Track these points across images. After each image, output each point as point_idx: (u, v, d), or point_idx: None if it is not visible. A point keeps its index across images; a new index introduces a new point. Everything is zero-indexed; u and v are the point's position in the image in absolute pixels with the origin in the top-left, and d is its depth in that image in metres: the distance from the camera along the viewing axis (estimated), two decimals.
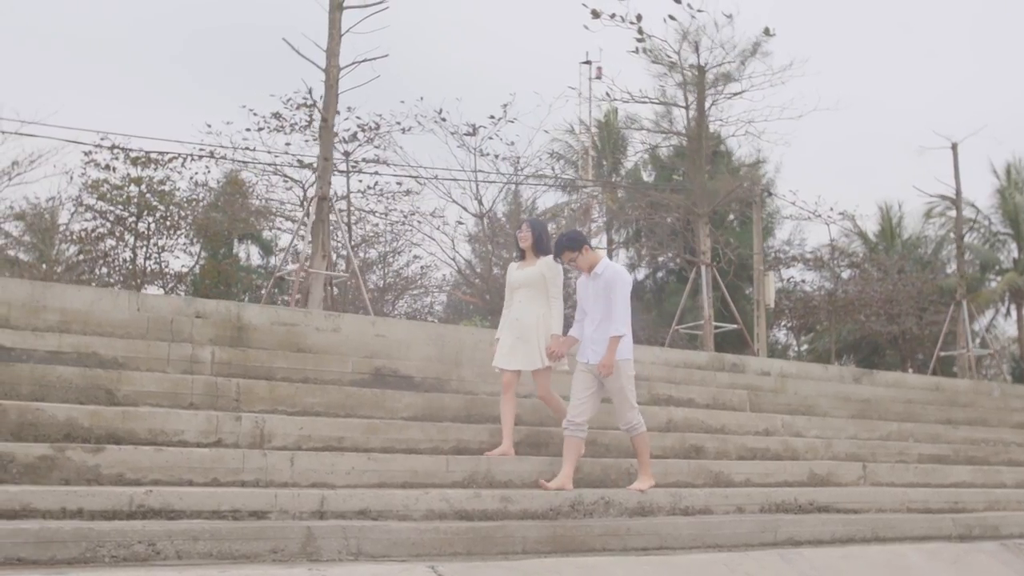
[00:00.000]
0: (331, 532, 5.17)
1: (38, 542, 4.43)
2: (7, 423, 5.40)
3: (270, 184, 29.41)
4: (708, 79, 17.73)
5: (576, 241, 6.89)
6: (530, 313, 6.84)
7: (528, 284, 6.91)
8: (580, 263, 6.84)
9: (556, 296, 6.90)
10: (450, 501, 5.93)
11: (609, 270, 6.81)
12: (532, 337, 6.78)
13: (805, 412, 9.74)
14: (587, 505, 6.43)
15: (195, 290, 27.68)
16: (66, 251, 29.16)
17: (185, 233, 28.52)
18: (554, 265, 6.91)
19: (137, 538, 4.65)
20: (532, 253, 6.98)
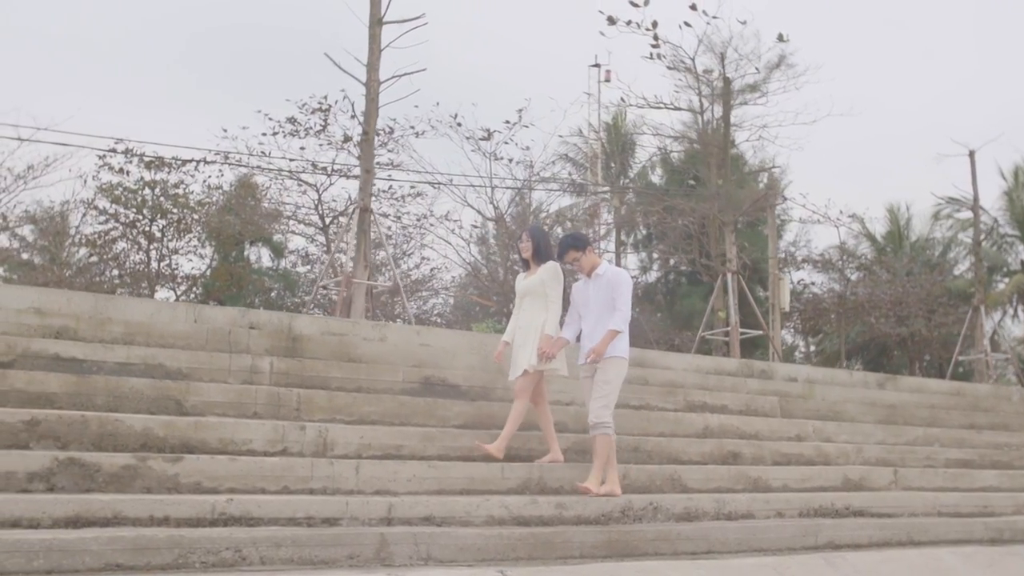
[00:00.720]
0: (403, 538, 5.39)
1: (135, 549, 4.66)
2: (89, 433, 5.63)
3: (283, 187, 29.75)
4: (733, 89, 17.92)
5: (581, 241, 7.07)
6: (531, 320, 6.92)
7: (532, 292, 7.00)
8: (583, 263, 6.96)
9: (554, 300, 6.95)
10: (509, 507, 6.15)
11: (609, 272, 6.94)
12: (529, 342, 6.86)
13: (833, 418, 9.96)
14: (636, 511, 6.65)
15: (206, 293, 27.96)
16: (76, 253, 29.46)
17: (197, 236, 28.84)
18: (553, 269, 6.99)
19: (224, 545, 4.88)
20: (534, 262, 7.07)
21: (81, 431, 5.61)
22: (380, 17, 10.06)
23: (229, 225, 27.95)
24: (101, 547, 4.57)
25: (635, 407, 8.69)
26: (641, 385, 9.20)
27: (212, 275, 29.06)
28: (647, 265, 32.18)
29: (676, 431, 8.39)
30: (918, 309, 30.61)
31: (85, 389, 6.09)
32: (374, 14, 10.06)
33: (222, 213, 28.13)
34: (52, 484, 5.16)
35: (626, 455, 7.64)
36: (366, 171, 10.52)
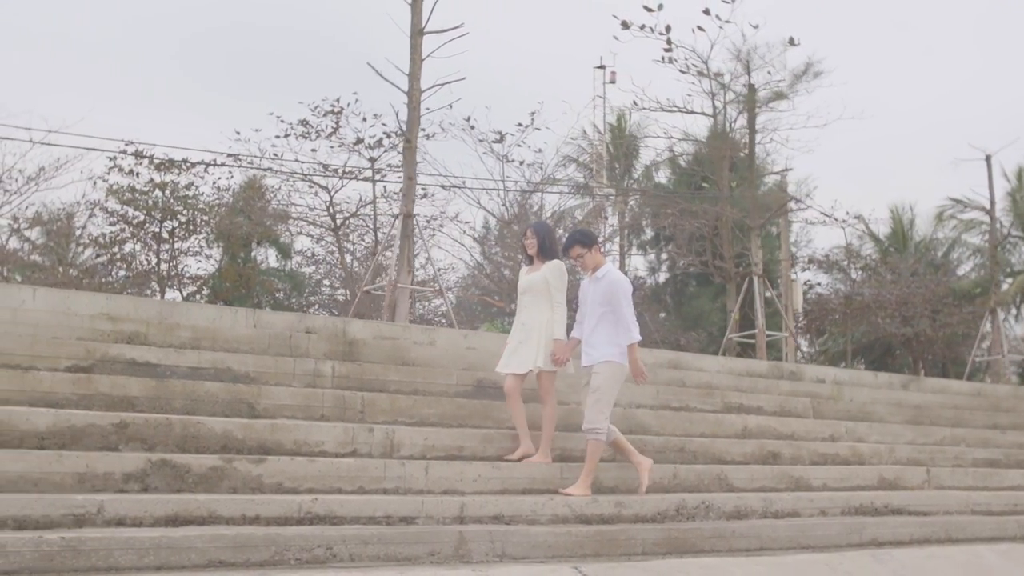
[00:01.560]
0: (479, 536, 5.62)
1: (235, 546, 4.88)
2: (173, 436, 5.86)
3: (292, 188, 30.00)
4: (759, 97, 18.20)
5: (588, 238, 7.02)
6: (534, 317, 6.90)
7: (533, 288, 6.96)
8: (587, 261, 6.93)
9: (559, 301, 6.94)
10: (571, 506, 6.38)
11: (610, 275, 6.89)
12: (533, 340, 6.84)
13: (863, 418, 10.21)
14: (690, 509, 6.90)
15: (214, 293, 28.18)
16: (81, 254, 29.68)
17: (205, 237, 29.09)
18: (558, 268, 6.97)
19: (316, 542, 5.10)
20: (538, 258, 7.02)
21: (166, 434, 5.84)
22: (421, 28, 10.29)
23: (238, 226, 28.19)
24: (205, 544, 4.79)
25: (675, 408, 8.94)
26: (679, 387, 9.45)
27: (221, 275, 29.27)
28: (655, 266, 32.44)
29: (717, 432, 8.63)
30: (923, 309, 30.88)
31: (164, 393, 6.31)
32: (415, 24, 10.28)
33: (232, 214, 28.39)
34: (146, 484, 5.38)
35: (672, 455, 7.89)
36: (408, 178, 10.75)
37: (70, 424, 5.58)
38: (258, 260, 32.80)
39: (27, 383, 5.91)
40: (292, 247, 33.33)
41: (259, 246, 32.65)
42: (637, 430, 8.17)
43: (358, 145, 28.24)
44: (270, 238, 31.54)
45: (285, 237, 32.48)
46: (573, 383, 7.77)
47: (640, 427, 8.22)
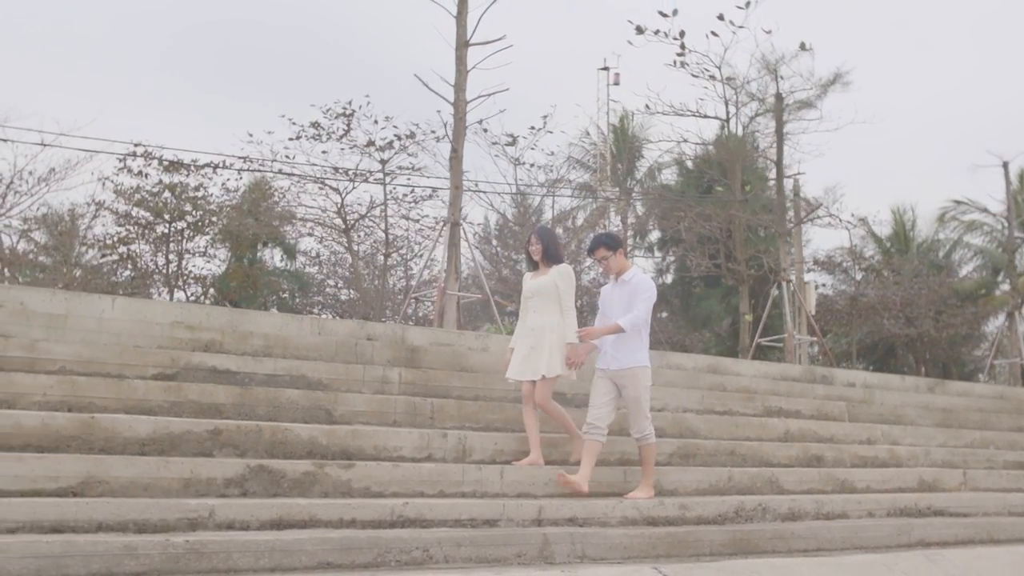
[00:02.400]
0: (562, 538, 5.87)
1: (341, 549, 5.12)
2: (262, 442, 6.09)
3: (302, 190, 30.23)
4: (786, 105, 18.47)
5: (614, 241, 6.99)
6: (543, 322, 6.85)
7: (540, 293, 6.91)
8: (611, 264, 6.88)
9: (569, 305, 6.89)
10: (639, 509, 6.64)
11: (638, 278, 6.90)
12: (544, 346, 6.79)
13: (896, 421, 10.49)
14: (748, 511, 7.15)
15: (220, 293, 28.39)
16: (85, 254, 29.86)
17: (211, 238, 29.32)
18: (567, 273, 6.94)
19: (415, 545, 5.35)
20: (543, 263, 6.99)
21: (256, 440, 6.07)
22: (467, 40, 10.53)
23: (246, 227, 28.43)
24: (315, 547, 5.03)
25: (720, 412, 9.20)
26: (720, 391, 9.71)
27: (229, 276, 29.48)
28: (662, 268, 32.70)
29: (761, 435, 8.89)
30: (927, 310, 31.20)
31: (248, 400, 6.54)
32: (460, 36, 10.52)
33: (242, 216, 28.62)
34: (245, 489, 5.62)
35: (723, 458, 8.14)
36: (455, 187, 10.98)
37: (168, 431, 5.81)
38: (264, 261, 33.03)
39: (123, 391, 6.14)
40: (297, 248, 33.57)
41: (264, 247, 32.89)
42: (687, 434, 8.43)
43: (369, 147, 28.50)
44: (276, 239, 31.76)
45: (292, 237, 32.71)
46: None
47: (690, 431, 8.48)
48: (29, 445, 5.37)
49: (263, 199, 29.54)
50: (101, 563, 4.48)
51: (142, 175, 27.05)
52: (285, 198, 30.37)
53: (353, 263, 30.95)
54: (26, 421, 5.41)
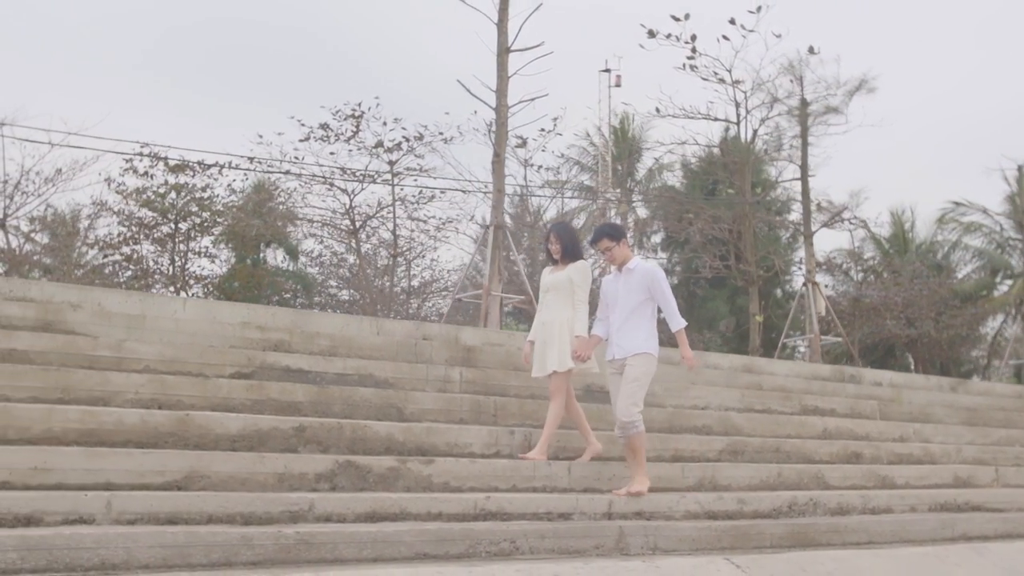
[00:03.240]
0: (636, 530, 6.11)
1: (436, 540, 5.35)
2: (344, 439, 6.31)
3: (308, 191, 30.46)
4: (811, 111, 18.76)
5: (618, 231, 6.95)
6: (556, 317, 6.89)
7: (556, 288, 6.95)
8: (615, 254, 6.80)
9: (582, 300, 6.91)
10: (700, 503, 6.88)
11: (642, 267, 6.81)
12: (555, 340, 6.84)
13: (924, 420, 10.76)
14: (800, 505, 7.40)
15: (224, 293, 28.59)
16: (86, 254, 30.01)
17: (214, 238, 29.53)
18: (583, 269, 6.97)
19: (502, 536, 5.58)
20: (563, 260, 7.01)
21: (338, 437, 6.29)
22: (508, 46, 10.76)
23: (252, 227, 28.64)
24: (412, 539, 5.26)
25: (759, 411, 9.45)
26: (758, 390, 9.97)
27: (234, 275, 29.66)
28: (667, 268, 32.98)
29: (802, 433, 9.15)
30: (928, 311, 31.55)
31: (324, 398, 6.76)
32: (501, 43, 10.75)
33: (249, 216, 28.83)
34: (334, 484, 5.83)
35: (769, 455, 8.40)
36: (498, 191, 11.21)
37: (257, 428, 6.02)
38: (267, 261, 33.25)
39: (208, 389, 6.35)
40: (299, 248, 33.81)
41: (267, 247, 33.12)
42: (732, 431, 8.68)
43: (377, 148, 28.74)
44: (279, 239, 31.98)
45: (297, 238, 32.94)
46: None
47: (735, 429, 8.72)
48: (130, 441, 5.57)
49: (267, 200, 29.78)
50: (220, 553, 4.69)
51: (147, 175, 27.26)
52: (291, 198, 30.63)
53: (360, 264, 31.18)
54: (127, 418, 5.62)
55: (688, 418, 8.53)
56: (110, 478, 5.12)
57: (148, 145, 26.23)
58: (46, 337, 6.34)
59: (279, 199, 30.34)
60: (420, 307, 34.05)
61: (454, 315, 35.11)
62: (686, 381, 9.49)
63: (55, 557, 4.30)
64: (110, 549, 4.42)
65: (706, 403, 9.08)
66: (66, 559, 4.32)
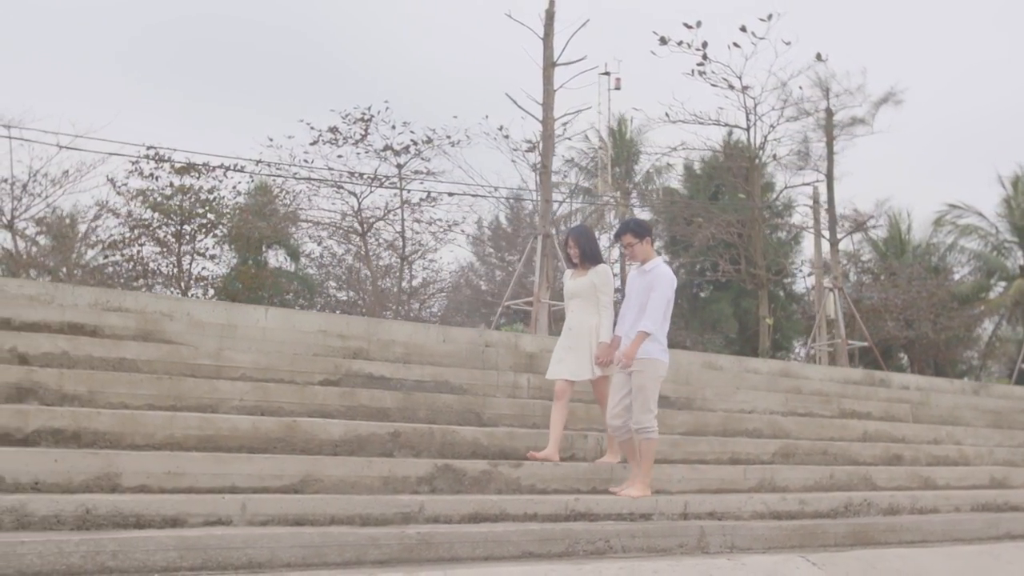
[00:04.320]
0: (715, 530, 6.45)
1: (541, 539, 5.67)
2: (435, 444, 6.62)
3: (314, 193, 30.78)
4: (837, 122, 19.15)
5: (642, 228, 6.90)
6: (582, 323, 6.93)
7: (580, 294, 6.99)
8: (636, 251, 6.77)
9: (607, 304, 6.95)
10: (767, 504, 7.22)
11: (658, 269, 6.74)
12: (583, 346, 6.87)
13: (954, 422, 11.15)
14: (855, 506, 7.76)
15: (226, 294, 28.84)
16: (85, 254, 30.19)
17: (218, 239, 29.81)
18: (604, 273, 7.01)
19: (598, 536, 5.90)
20: (582, 264, 7.05)
21: (429, 441, 6.60)
22: (554, 61, 11.09)
23: (257, 229, 28.93)
24: (519, 538, 5.58)
25: (802, 414, 9.81)
26: (797, 394, 10.33)
27: (237, 277, 29.92)
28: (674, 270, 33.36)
29: (844, 435, 9.51)
30: (926, 313, 32.05)
31: (410, 404, 7.07)
32: (547, 58, 11.08)
33: (256, 218, 29.11)
34: (433, 486, 6.14)
35: (818, 457, 8.75)
36: (545, 200, 11.53)
37: (357, 434, 6.33)
38: (269, 262, 33.55)
39: (305, 397, 6.65)
40: (300, 249, 34.12)
41: (268, 248, 33.41)
42: (780, 434, 9.04)
43: (385, 151, 29.07)
44: (281, 240, 32.27)
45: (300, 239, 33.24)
46: None
47: (783, 432, 9.08)
48: (243, 446, 5.87)
49: (269, 202, 30.07)
50: (352, 552, 5.00)
51: (153, 177, 27.52)
52: (296, 200, 30.93)
53: (367, 264, 31.48)
54: (240, 424, 5.92)
55: (739, 422, 8.88)
56: (235, 482, 5.42)
57: (154, 148, 26.53)
58: (151, 347, 6.62)
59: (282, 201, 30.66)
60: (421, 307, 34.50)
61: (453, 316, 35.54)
62: (732, 386, 9.84)
63: (209, 556, 4.60)
64: (256, 549, 4.72)
65: (752, 407, 9.43)
66: (218, 558, 4.62)
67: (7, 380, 5.62)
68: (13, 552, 4.13)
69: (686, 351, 11.30)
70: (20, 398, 5.62)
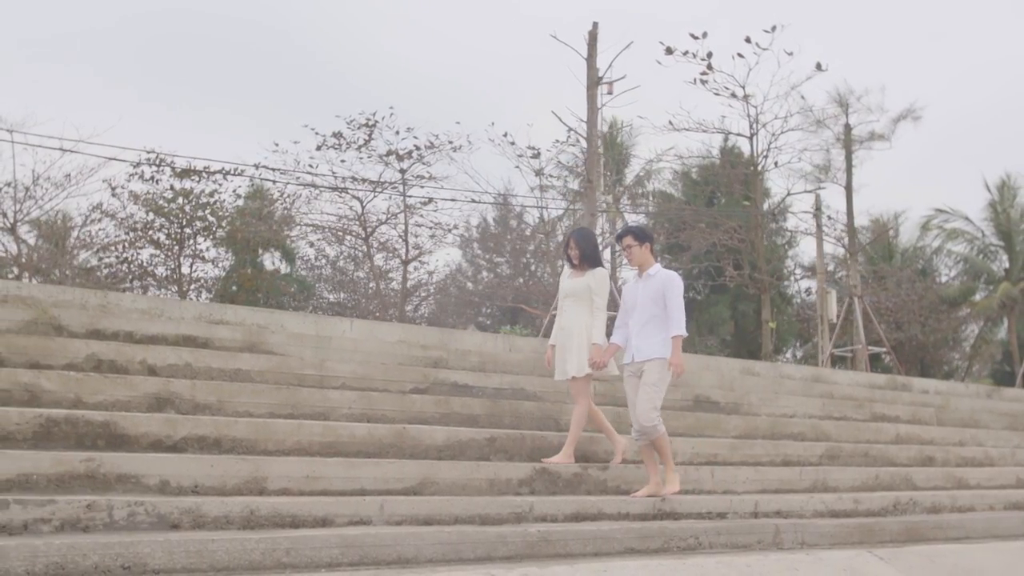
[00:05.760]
0: (788, 528, 6.97)
1: (640, 536, 6.16)
2: (525, 448, 7.10)
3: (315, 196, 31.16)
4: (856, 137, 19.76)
5: (645, 234, 7.07)
6: (575, 322, 7.03)
7: (575, 294, 7.09)
8: (635, 254, 6.89)
9: (600, 307, 7.04)
10: (825, 503, 7.76)
11: (662, 273, 6.86)
12: (573, 346, 7.00)
13: (974, 425, 11.75)
14: (903, 505, 8.32)
15: (223, 296, 29.16)
16: (77, 256, 30.41)
17: (215, 242, 30.15)
18: (601, 276, 7.11)
19: (689, 533, 6.40)
20: (581, 266, 7.16)
21: (520, 446, 7.08)
22: (597, 79, 11.59)
23: (256, 232, 29.28)
24: (622, 535, 6.07)
25: (837, 418, 10.36)
26: (830, 399, 10.88)
27: (238, 279, 30.22)
28: None
29: (879, 438, 10.07)
30: (917, 315, 32.84)
31: (496, 411, 7.54)
32: (591, 77, 11.57)
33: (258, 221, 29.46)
34: (533, 488, 6.63)
35: (860, 459, 9.30)
36: (590, 214, 12.03)
37: (458, 439, 6.80)
38: (265, 264, 33.87)
39: (404, 404, 7.12)
40: (295, 252, 34.48)
41: (264, 251, 33.74)
42: (823, 437, 9.57)
43: (388, 156, 29.48)
44: (277, 243, 32.62)
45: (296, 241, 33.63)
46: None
47: (824, 435, 9.62)
48: (360, 451, 6.33)
49: (266, 205, 30.43)
50: (484, 549, 5.47)
51: (154, 180, 27.85)
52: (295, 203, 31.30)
53: (371, 268, 31.88)
54: (357, 431, 6.37)
55: (784, 426, 9.41)
56: (363, 484, 5.87)
57: (154, 152, 26.88)
58: (262, 358, 7.06)
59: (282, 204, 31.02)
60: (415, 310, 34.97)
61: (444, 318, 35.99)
62: (771, 392, 10.39)
63: (365, 553, 5.05)
64: (403, 546, 5.18)
65: (793, 412, 9.96)
66: (373, 555, 5.08)
67: (147, 391, 6.05)
68: (206, 549, 4.58)
69: (726, 359, 11.82)
70: (160, 407, 6.04)
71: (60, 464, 4.96)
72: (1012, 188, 38.24)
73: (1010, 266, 37.80)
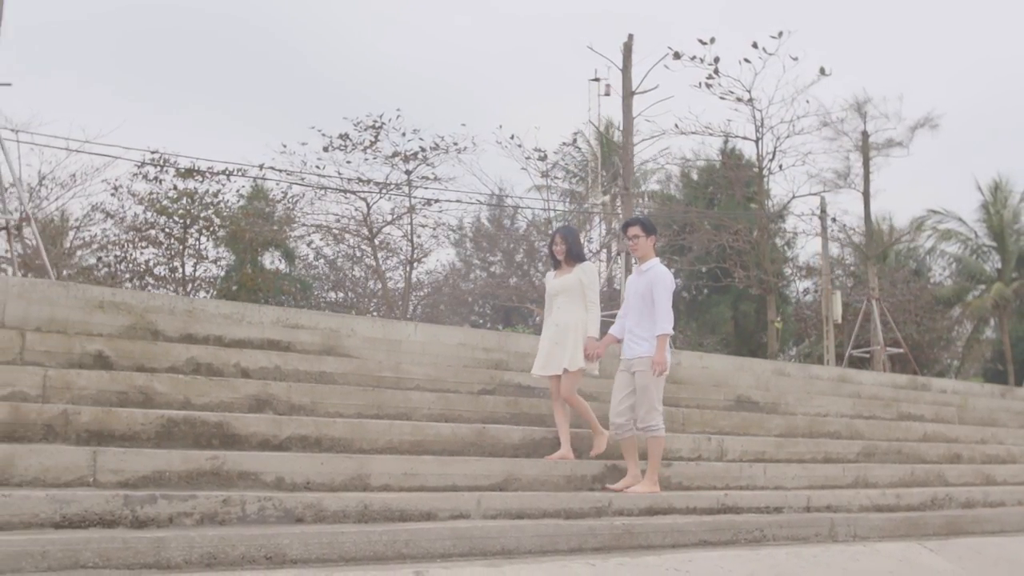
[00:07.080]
0: (842, 522, 7.37)
1: (711, 530, 6.54)
2: (586, 446, 7.46)
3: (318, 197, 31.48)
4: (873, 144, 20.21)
5: (651, 226, 7.15)
6: (569, 318, 7.08)
7: (565, 291, 7.14)
8: (639, 246, 7.00)
9: (593, 301, 7.10)
10: (870, 498, 8.16)
11: (655, 269, 6.93)
12: (568, 341, 7.02)
13: (993, 424, 12.20)
14: (940, 500, 8.73)
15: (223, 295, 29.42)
16: (74, 254, 30.65)
17: (217, 241, 30.46)
18: (590, 270, 7.20)
19: (755, 527, 6.79)
20: (567, 262, 7.20)
21: (587, 443, 7.45)
22: (632, 90, 11.96)
23: (260, 232, 29.59)
24: (696, 528, 6.45)
25: (868, 417, 10.77)
26: (857, 399, 11.30)
27: (240, 279, 30.48)
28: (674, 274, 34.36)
29: (908, 436, 10.48)
30: (912, 316, 33.41)
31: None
32: (626, 88, 11.95)
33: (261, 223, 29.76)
34: (604, 483, 6.99)
35: (894, 456, 9.71)
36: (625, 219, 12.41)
37: (532, 438, 7.16)
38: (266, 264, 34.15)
39: (478, 405, 7.47)
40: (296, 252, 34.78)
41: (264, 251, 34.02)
42: (857, 436, 9.98)
43: (394, 157, 29.83)
44: (278, 243, 32.91)
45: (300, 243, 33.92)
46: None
47: (858, 434, 10.03)
48: (445, 450, 6.68)
49: (267, 205, 30.73)
50: (576, 541, 5.84)
51: (157, 180, 28.14)
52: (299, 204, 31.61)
53: (377, 269, 32.20)
54: (442, 431, 6.73)
55: (821, 425, 9.81)
56: (455, 481, 6.23)
57: (158, 152, 27.18)
58: (343, 361, 7.39)
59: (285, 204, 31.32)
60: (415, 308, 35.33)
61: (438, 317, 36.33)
62: (804, 392, 10.79)
63: (474, 544, 5.41)
64: (507, 539, 5.55)
65: (827, 411, 10.37)
66: (481, 546, 5.44)
67: (247, 392, 6.38)
68: (336, 541, 4.93)
69: (758, 360, 12.22)
70: (260, 408, 6.38)
71: (189, 462, 5.30)
72: (1004, 190, 38.94)
73: (1003, 267, 38.44)
